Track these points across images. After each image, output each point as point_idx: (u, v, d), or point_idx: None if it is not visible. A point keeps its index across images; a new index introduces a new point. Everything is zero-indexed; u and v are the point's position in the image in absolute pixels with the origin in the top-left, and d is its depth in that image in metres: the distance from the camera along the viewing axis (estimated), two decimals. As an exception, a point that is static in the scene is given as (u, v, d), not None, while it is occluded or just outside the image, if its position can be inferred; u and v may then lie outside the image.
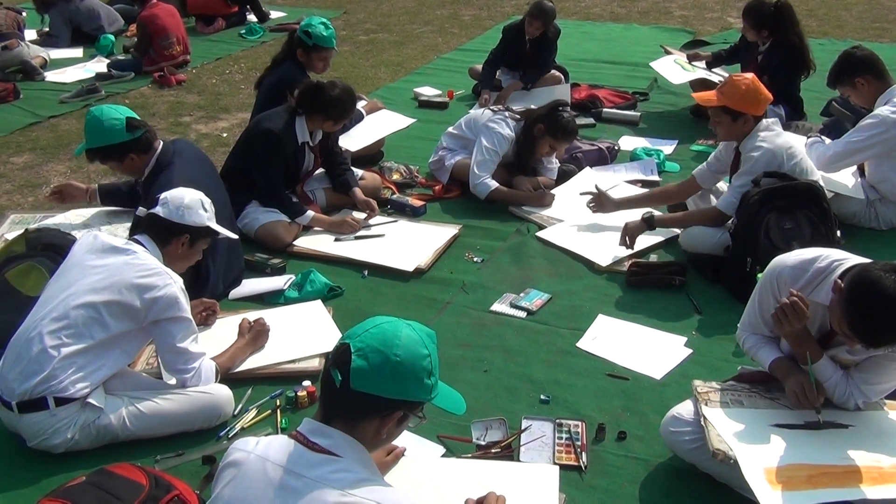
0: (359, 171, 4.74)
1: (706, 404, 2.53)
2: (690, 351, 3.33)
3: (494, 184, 4.60)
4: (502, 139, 4.65)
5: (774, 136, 3.77)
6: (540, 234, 4.28)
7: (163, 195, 2.90)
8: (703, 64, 6.23)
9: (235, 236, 3.22)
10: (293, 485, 1.70)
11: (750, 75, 3.84)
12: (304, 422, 1.83)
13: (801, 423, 2.47)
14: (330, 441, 1.76)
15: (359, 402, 1.76)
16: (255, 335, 3.24)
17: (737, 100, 3.75)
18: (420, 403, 1.85)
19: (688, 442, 2.57)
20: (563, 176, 4.96)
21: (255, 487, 1.73)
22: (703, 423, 2.47)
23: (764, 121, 3.83)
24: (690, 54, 6.42)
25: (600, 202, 4.29)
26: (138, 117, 3.55)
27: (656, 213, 4.10)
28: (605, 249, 4.08)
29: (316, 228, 4.30)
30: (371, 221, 4.38)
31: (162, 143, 3.60)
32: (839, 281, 2.28)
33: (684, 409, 2.63)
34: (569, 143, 4.78)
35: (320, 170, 4.61)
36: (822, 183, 3.82)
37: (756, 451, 2.34)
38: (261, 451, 1.78)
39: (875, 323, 2.18)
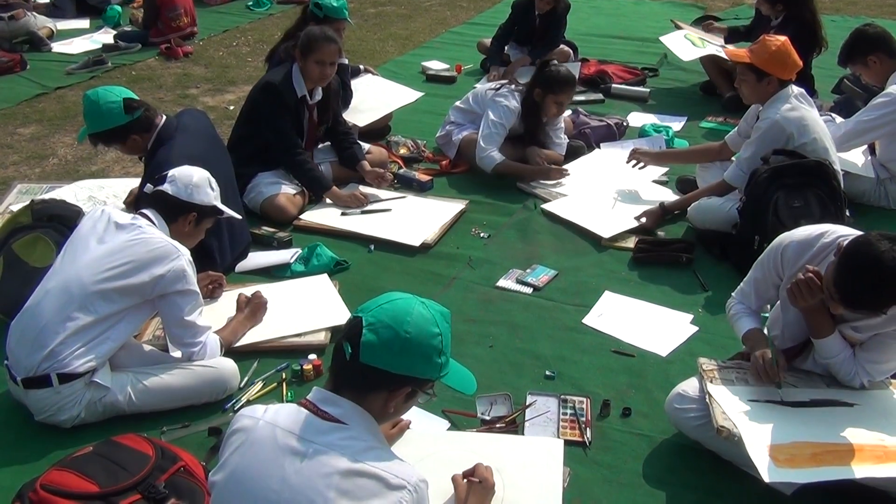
0: (365, 146, 4.73)
1: (711, 382, 2.54)
2: (696, 328, 3.33)
3: (500, 157, 4.58)
4: (508, 112, 4.62)
5: (790, 109, 3.71)
6: (545, 206, 4.26)
7: (171, 172, 2.88)
8: (720, 38, 6.16)
9: (240, 217, 3.19)
10: (303, 450, 1.72)
11: (783, 38, 3.78)
12: (313, 390, 1.85)
13: (806, 401, 2.47)
14: (339, 410, 1.78)
15: (367, 376, 1.77)
16: (253, 309, 3.24)
17: (765, 59, 3.70)
18: (429, 381, 1.86)
19: (692, 419, 2.57)
20: (573, 152, 4.93)
21: (265, 452, 1.74)
22: (707, 400, 2.48)
23: (791, 89, 3.77)
24: (706, 24, 6.34)
25: (642, 157, 4.42)
26: (136, 96, 3.48)
27: (667, 200, 4.16)
28: (608, 222, 4.08)
29: (320, 206, 4.29)
30: (377, 195, 4.37)
31: (165, 117, 3.53)
32: (841, 244, 2.30)
33: (689, 386, 2.64)
34: (571, 90, 4.66)
35: (327, 143, 4.60)
36: (837, 167, 3.79)
37: (760, 428, 2.35)
38: (270, 418, 1.79)
39: (856, 281, 2.19)
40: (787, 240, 2.56)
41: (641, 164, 4.44)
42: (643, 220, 4.06)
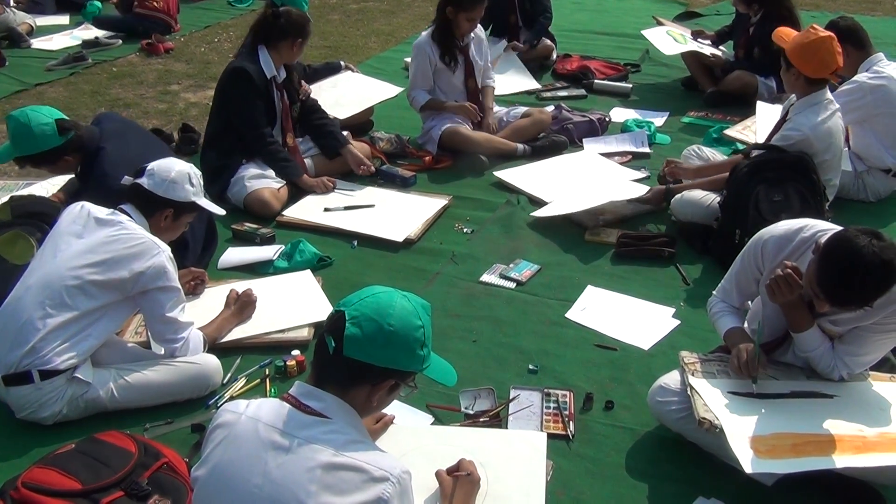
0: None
1: (693, 374, 2.55)
2: (678, 322, 3.35)
3: (425, 97, 4.88)
4: (419, 50, 4.88)
5: (821, 121, 3.62)
6: (533, 214, 4.20)
7: (150, 166, 2.85)
8: (708, 42, 6.19)
9: (222, 212, 3.16)
10: (285, 444, 1.71)
11: (827, 32, 3.65)
12: (295, 385, 1.85)
13: (786, 392, 2.49)
14: (322, 404, 1.78)
15: (351, 369, 1.78)
16: (241, 306, 3.23)
17: (793, 47, 3.61)
18: (411, 373, 1.88)
19: (674, 412, 2.58)
20: (554, 147, 4.95)
21: (247, 447, 1.74)
22: (689, 392, 2.49)
23: (828, 93, 3.70)
24: (695, 31, 6.37)
25: (676, 171, 4.24)
26: (65, 116, 3.38)
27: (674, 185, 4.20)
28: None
29: (303, 202, 4.28)
30: (359, 192, 4.37)
31: (85, 130, 3.43)
32: (820, 242, 2.31)
33: (671, 379, 2.65)
34: (482, 6, 4.75)
35: (307, 136, 4.61)
36: (837, 180, 3.85)
37: (741, 420, 2.36)
38: (252, 413, 1.79)
39: (841, 280, 2.20)
40: (766, 235, 2.58)
41: (668, 173, 4.30)
42: (648, 196, 4.11)
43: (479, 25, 4.95)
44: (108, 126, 3.53)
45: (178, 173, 2.85)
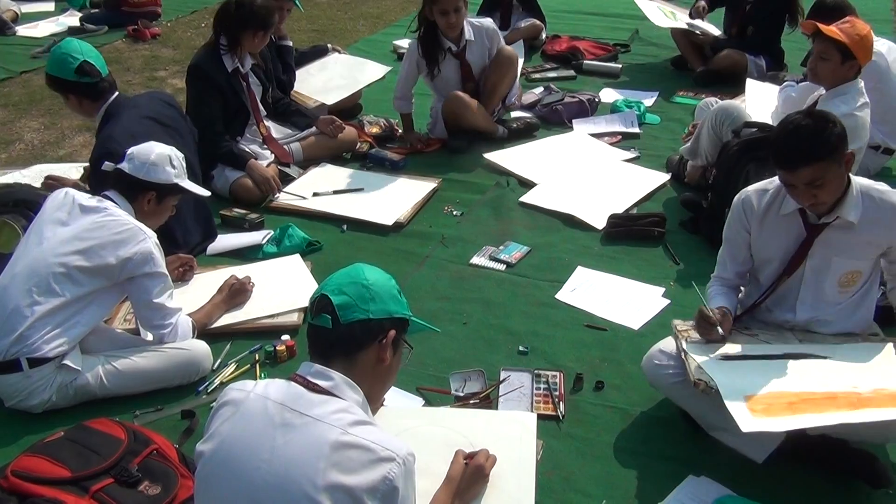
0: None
1: (686, 341, 2.55)
2: (668, 301, 3.35)
3: (405, 108, 4.83)
4: (408, 55, 4.74)
5: (851, 111, 3.58)
6: (523, 199, 4.19)
7: (130, 150, 2.83)
8: (699, 16, 6.13)
9: (207, 193, 3.14)
10: (294, 422, 1.74)
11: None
12: (302, 365, 1.88)
13: (780, 354, 2.49)
14: (331, 383, 1.81)
15: (354, 333, 1.85)
16: (233, 293, 3.22)
17: (855, 41, 3.55)
18: (404, 320, 1.95)
19: (670, 376, 2.57)
20: (528, 130, 4.94)
21: (256, 424, 1.76)
22: (683, 357, 2.49)
23: (861, 83, 3.68)
24: (693, 10, 6.31)
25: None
26: (103, 68, 3.46)
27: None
28: (594, 209, 4.03)
29: (291, 187, 4.25)
30: (348, 177, 4.36)
31: (117, 95, 3.49)
32: None
33: (668, 345, 2.64)
34: None
35: (288, 123, 4.61)
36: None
37: (736, 380, 2.35)
38: (260, 391, 1.82)
39: (780, 139, 2.40)
40: (744, 194, 2.66)
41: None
42: None
43: (478, 20, 4.73)
44: (140, 100, 3.62)
45: (158, 156, 2.83)
